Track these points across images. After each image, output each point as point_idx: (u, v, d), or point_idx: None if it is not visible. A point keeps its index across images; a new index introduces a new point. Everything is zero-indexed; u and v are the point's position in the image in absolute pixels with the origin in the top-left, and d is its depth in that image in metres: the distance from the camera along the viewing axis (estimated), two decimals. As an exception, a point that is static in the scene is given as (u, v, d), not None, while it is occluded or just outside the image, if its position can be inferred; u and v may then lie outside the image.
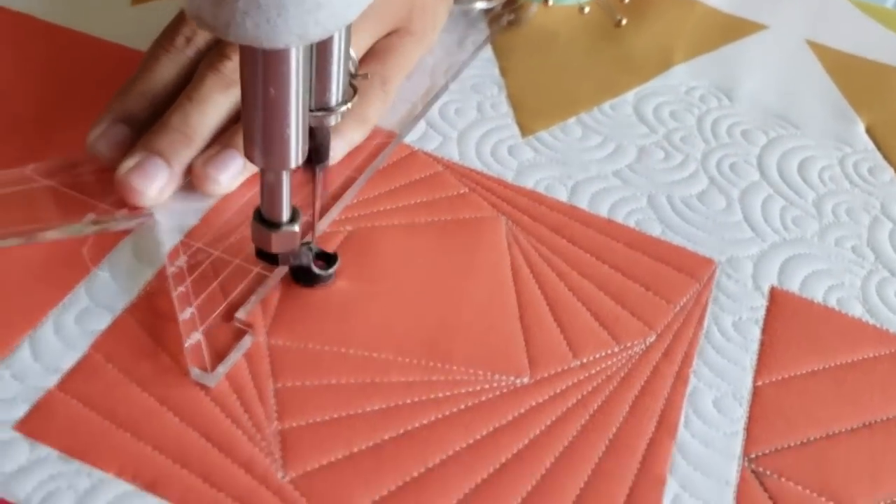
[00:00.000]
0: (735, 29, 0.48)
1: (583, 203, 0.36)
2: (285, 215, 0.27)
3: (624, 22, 0.45)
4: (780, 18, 0.50)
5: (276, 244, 0.28)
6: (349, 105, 0.27)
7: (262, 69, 0.22)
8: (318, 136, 0.27)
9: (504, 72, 0.43)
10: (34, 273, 0.30)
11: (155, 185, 0.31)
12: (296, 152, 0.25)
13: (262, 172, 0.26)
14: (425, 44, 0.41)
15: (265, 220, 0.28)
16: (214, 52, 0.34)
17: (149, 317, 0.29)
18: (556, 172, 0.38)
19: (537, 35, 0.46)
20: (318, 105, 0.27)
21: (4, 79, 0.38)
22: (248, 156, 0.25)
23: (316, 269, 0.30)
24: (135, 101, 0.33)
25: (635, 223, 0.36)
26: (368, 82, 0.36)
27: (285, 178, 0.26)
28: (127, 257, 0.31)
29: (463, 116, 0.40)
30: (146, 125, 0.33)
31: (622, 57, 0.45)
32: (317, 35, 0.21)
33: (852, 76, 0.46)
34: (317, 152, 0.28)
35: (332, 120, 0.27)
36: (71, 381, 0.27)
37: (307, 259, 0.30)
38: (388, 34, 0.39)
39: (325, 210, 0.33)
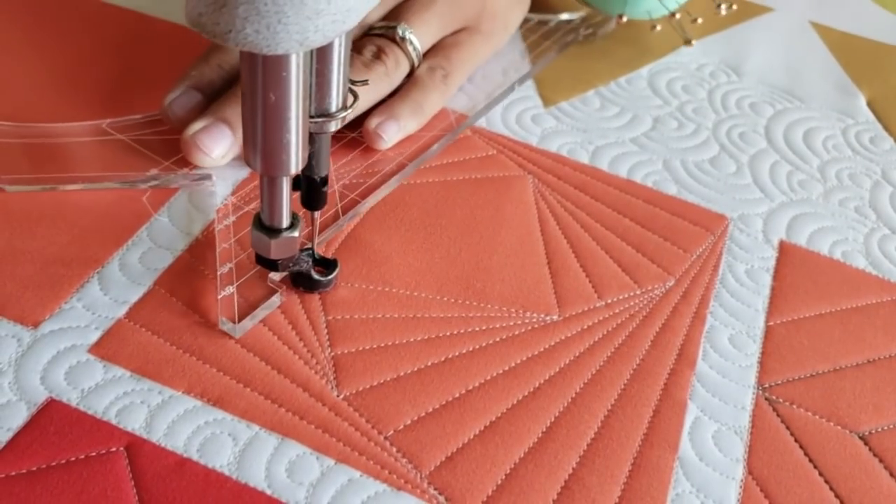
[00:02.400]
0: (742, 12, 0.51)
1: (603, 165, 0.39)
2: (285, 221, 0.27)
3: (694, 42, 0.46)
4: (785, 2, 0.52)
5: (276, 251, 0.28)
6: (349, 111, 0.27)
7: (262, 75, 0.22)
8: (317, 141, 0.27)
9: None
10: (101, 218, 0.32)
11: (219, 148, 0.34)
12: (296, 158, 0.25)
13: (262, 178, 0.26)
14: (493, 44, 0.42)
15: (265, 226, 0.27)
16: None
17: (208, 258, 0.31)
18: (577, 138, 0.40)
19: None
20: (319, 111, 0.27)
21: (86, 52, 0.41)
22: (248, 161, 0.25)
23: (315, 275, 0.31)
24: (211, 70, 0.36)
25: (653, 183, 0.38)
26: (430, 74, 0.38)
27: (285, 184, 0.26)
28: (184, 205, 0.33)
29: (474, 74, 0.42)
30: (219, 94, 0.35)
31: (635, 39, 0.48)
32: (317, 41, 0.21)
33: (854, 54, 0.49)
34: (316, 156, 0.28)
35: (332, 126, 0.27)
36: (138, 311, 0.29)
37: (307, 265, 0.30)
38: (457, 31, 0.40)
39: (370, 190, 0.35)
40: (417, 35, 0.38)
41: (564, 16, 0.48)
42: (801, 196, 0.39)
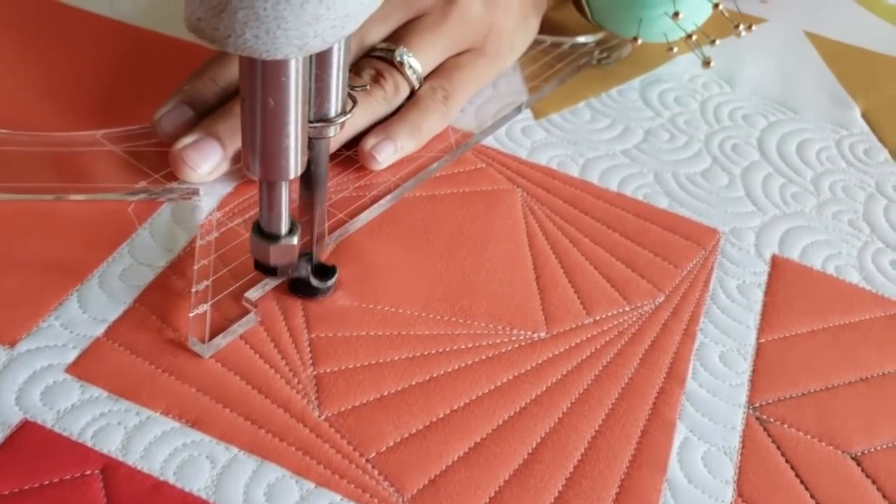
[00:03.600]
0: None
1: (593, 178, 0.38)
2: (284, 227, 0.27)
3: (713, 63, 0.44)
4: (780, 13, 0.52)
5: (275, 256, 0.28)
6: (348, 116, 0.27)
7: (261, 80, 0.22)
8: (316, 146, 0.27)
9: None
10: (84, 232, 0.32)
11: (207, 164, 0.33)
12: (295, 163, 0.25)
13: (261, 184, 0.26)
14: (498, 66, 0.41)
15: (264, 232, 0.27)
16: None
17: (190, 275, 0.31)
18: (567, 151, 0.40)
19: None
20: (318, 116, 0.27)
21: (86, 64, 0.41)
22: (247, 166, 0.25)
23: (314, 282, 0.30)
24: (205, 85, 0.35)
25: (644, 196, 0.38)
26: (430, 96, 0.37)
27: (284, 190, 0.26)
28: (167, 220, 0.33)
29: (479, 95, 0.42)
30: (212, 110, 0.35)
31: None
32: (316, 46, 0.21)
33: (849, 64, 0.48)
34: (315, 162, 0.28)
35: (331, 131, 0.27)
36: (117, 329, 0.29)
37: (306, 271, 0.30)
38: (461, 52, 0.40)
39: (359, 210, 0.34)
40: (419, 58, 0.37)
41: (580, 39, 0.47)
42: (794, 209, 0.38)
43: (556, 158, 0.39)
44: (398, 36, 0.37)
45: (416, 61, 0.37)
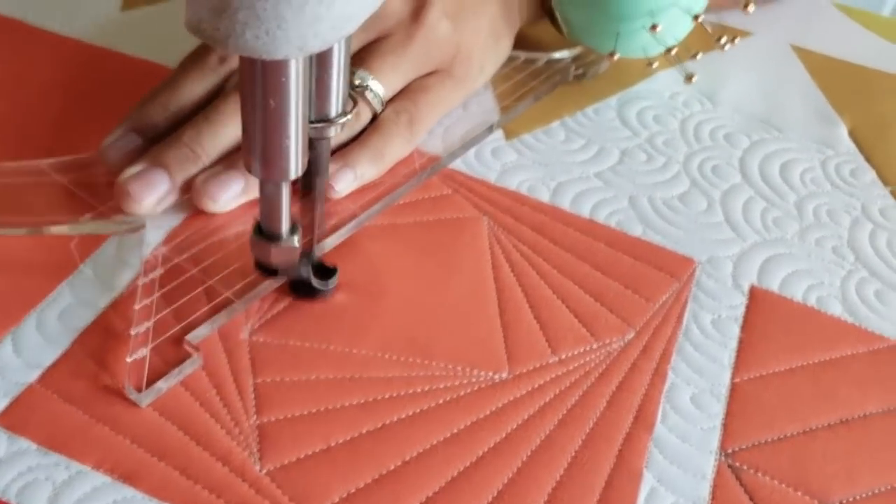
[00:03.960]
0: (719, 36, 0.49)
1: (565, 204, 0.37)
2: (285, 228, 0.27)
3: (695, 78, 0.42)
4: (766, 26, 0.50)
5: (276, 257, 0.28)
6: (349, 117, 0.27)
7: (261, 80, 0.22)
8: (317, 147, 0.27)
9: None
10: (23, 269, 0.30)
11: (153, 195, 0.32)
12: (295, 163, 0.25)
13: (262, 184, 0.26)
14: (466, 88, 0.40)
15: (264, 232, 0.27)
16: None
17: (131, 316, 0.29)
18: (538, 174, 0.38)
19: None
20: (318, 116, 0.27)
21: (36, 85, 0.39)
22: (248, 167, 0.25)
23: (315, 283, 0.30)
24: (155, 112, 0.34)
25: (616, 223, 0.36)
26: (394, 120, 0.36)
27: (284, 190, 0.26)
28: (111, 256, 0.31)
29: (448, 116, 0.40)
30: (162, 138, 0.33)
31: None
32: (316, 47, 0.21)
33: (836, 80, 0.46)
34: (316, 163, 0.28)
35: (332, 131, 0.27)
36: (51, 376, 0.27)
37: (306, 272, 0.30)
38: (428, 74, 0.38)
39: (321, 238, 0.32)
40: (382, 81, 0.35)
41: (555, 55, 0.45)
42: (775, 235, 0.37)
43: (526, 182, 0.37)
44: (359, 58, 0.36)
45: (378, 85, 0.35)
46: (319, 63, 0.25)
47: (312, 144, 0.27)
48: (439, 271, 0.33)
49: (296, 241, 0.28)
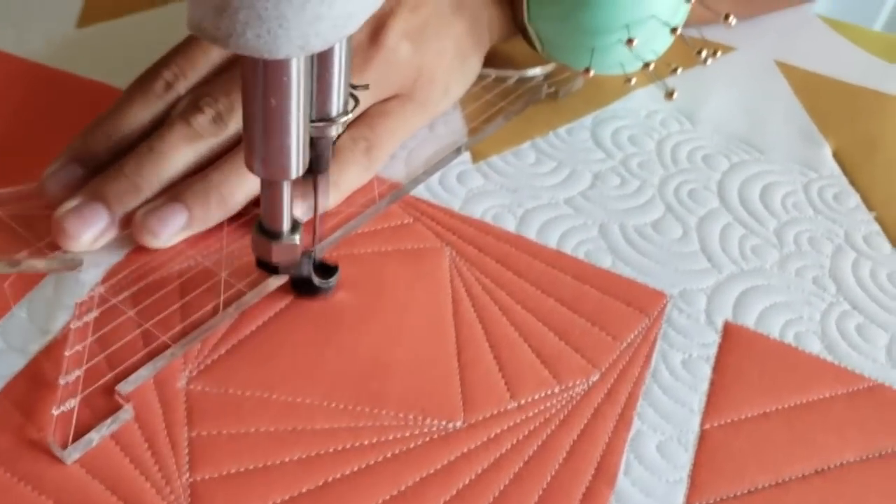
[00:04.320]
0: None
1: (531, 233, 0.35)
2: (286, 226, 0.27)
3: (676, 95, 0.40)
4: (750, 41, 0.48)
5: (277, 254, 0.28)
6: (350, 116, 0.27)
7: (262, 80, 0.22)
8: (318, 146, 0.28)
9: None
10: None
11: (90, 231, 0.30)
12: (296, 163, 0.25)
13: (262, 183, 0.26)
14: (429, 112, 0.38)
15: (266, 230, 0.28)
16: (188, 102, 0.32)
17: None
18: (505, 200, 0.36)
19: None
20: (319, 115, 0.27)
21: None
22: (249, 166, 0.25)
23: (316, 280, 0.30)
24: (97, 141, 0.32)
25: (585, 254, 0.34)
26: (350, 147, 0.34)
27: (286, 189, 0.26)
28: (47, 296, 0.30)
29: (413, 139, 0.39)
30: (106, 168, 0.31)
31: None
32: (318, 46, 0.21)
33: (821, 97, 0.45)
34: (317, 162, 0.28)
35: (333, 130, 0.27)
36: (-26, 429, 0.26)
37: (307, 269, 0.30)
38: (388, 99, 0.36)
39: (260, 280, 0.31)
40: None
41: (528, 72, 0.44)
42: (753, 265, 0.35)
43: (492, 210, 0.36)
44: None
45: None
46: (320, 62, 0.25)
47: (313, 143, 0.27)
48: (396, 307, 0.31)
49: (297, 239, 0.28)
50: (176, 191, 0.31)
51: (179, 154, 0.31)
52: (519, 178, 0.37)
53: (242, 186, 0.31)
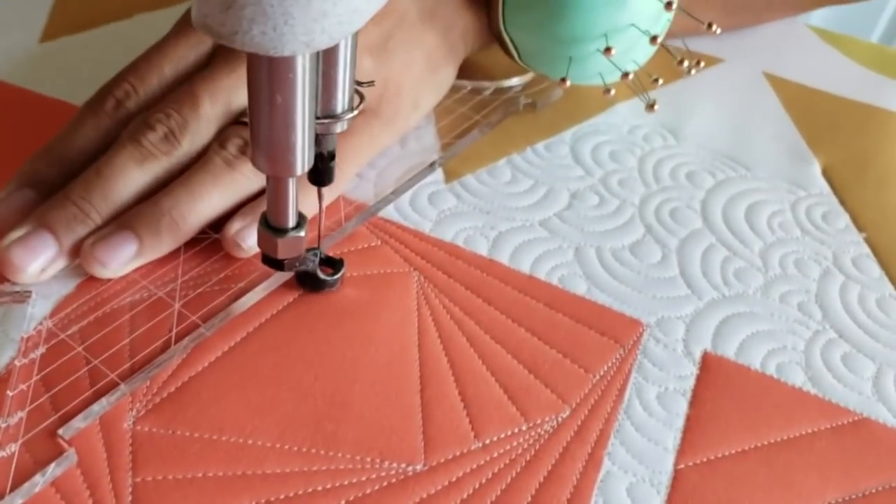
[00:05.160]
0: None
1: (504, 257, 0.34)
2: (291, 221, 0.27)
3: (657, 107, 0.38)
4: (738, 52, 0.47)
5: (283, 250, 0.28)
6: (355, 112, 0.27)
7: (268, 77, 0.22)
8: (324, 142, 0.28)
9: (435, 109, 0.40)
10: None
11: (37, 262, 0.29)
12: (302, 159, 0.25)
13: (268, 179, 0.26)
14: (396, 128, 0.37)
15: (271, 225, 0.28)
16: (138, 121, 0.31)
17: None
18: (478, 222, 0.35)
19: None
20: (324, 112, 0.27)
21: None
22: (254, 163, 0.25)
23: (322, 275, 0.30)
24: (48, 165, 0.31)
25: (559, 280, 0.33)
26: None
27: (291, 185, 0.26)
28: (-9, 329, 0.28)
29: (383, 156, 0.37)
30: (56, 191, 0.30)
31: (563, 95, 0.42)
32: (323, 43, 0.21)
33: (811, 111, 0.43)
34: (321, 159, 0.28)
35: (338, 127, 0.27)
36: None
37: (313, 265, 0.30)
38: None
39: (217, 310, 0.30)
40: None
41: (504, 83, 0.42)
42: (735, 291, 0.33)
43: (463, 232, 0.34)
44: None
45: None
46: (326, 59, 0.25)
47: (318, 140, 0.27)
48: (357, 338, 0.30)
49: (302, 234, 0.28)
50: (125, 217, 0.30)
51: (129, 176, 0.30)
52: (493, 199, 0.36)
53: (195, 210, 0.30)
